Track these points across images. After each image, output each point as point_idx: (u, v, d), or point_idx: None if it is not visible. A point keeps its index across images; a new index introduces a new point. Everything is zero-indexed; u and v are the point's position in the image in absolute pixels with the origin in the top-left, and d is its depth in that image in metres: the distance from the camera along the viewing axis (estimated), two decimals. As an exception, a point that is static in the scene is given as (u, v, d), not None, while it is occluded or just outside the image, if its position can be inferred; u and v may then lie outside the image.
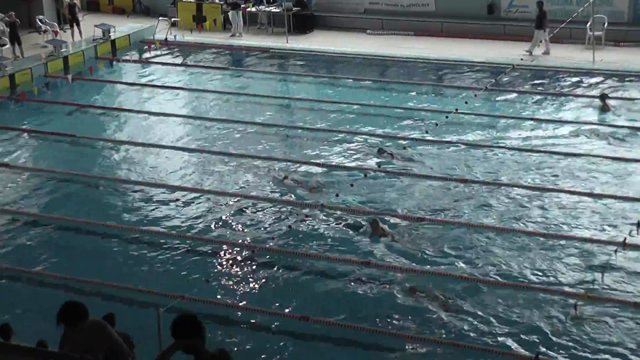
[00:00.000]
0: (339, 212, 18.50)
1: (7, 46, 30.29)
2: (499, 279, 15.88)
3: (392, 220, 18.03)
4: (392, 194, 19.54)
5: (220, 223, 18.31)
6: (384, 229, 17.29)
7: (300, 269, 16.48)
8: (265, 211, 18.85)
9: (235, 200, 19.41)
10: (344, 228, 17.88)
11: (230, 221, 18.38)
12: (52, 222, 18.54)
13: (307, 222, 18.06)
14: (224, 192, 19.81)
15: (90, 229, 18.20)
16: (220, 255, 17.00)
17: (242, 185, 20.26)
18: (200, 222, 18.36)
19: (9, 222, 18.58)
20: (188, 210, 18.94)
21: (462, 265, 16.36)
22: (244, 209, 18.95)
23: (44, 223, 18.54)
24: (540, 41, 30.38)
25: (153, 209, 19.05)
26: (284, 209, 18.94)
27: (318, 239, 17.46)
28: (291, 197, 19.47)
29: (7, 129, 24.29)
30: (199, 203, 19.29)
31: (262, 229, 17.99)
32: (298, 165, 21.31)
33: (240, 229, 18.02)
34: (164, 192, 19.92)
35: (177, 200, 19.48)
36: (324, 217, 18.35)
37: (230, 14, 34.15)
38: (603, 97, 24.84)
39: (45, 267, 16.56)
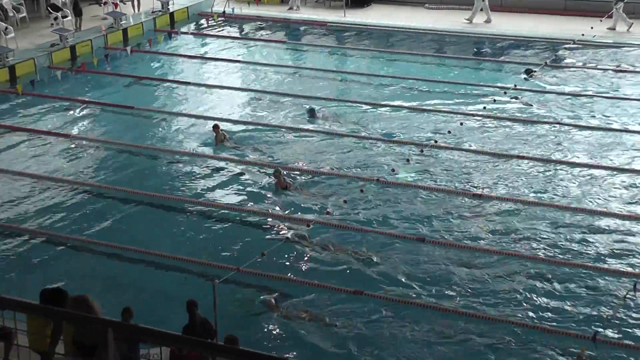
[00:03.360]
0: (391, 189, 18.43)
1: (69, 18, 30.56)
2: (558, 259, 15.67)
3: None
4: (442, 169, 19.44)
5: (276, 196, 18.29)
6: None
7: (355, 243, 16.38)
8: (320, 185, 18.78)
9: (292, 173, 19.36)
10: (400, 202, 17.80)
11: (285, 194, 18.34)
12: (111, 193, 18.69)
13: (362, 196, 17.95)
14: (280, 165, 19.76)
15: (148, 200, 18.29)
16: (275, 228, 16.97)
17: (298, 158, 20.21)
18: (257, 195, 18.36)
19: (69, 192, 18.75)
20: (244, 183, 18.94)
21: (525, 244, 16.21)
22: (300, 182, 18.91)
23: (102, 193, 18.71)
24: (481, 9, 30.89)
25: (210, 181, 19.09)
26: (339, 182, 18.86)
27: (373, 214, 17.38)
28: (347, 169, 19.42)
29: (68, 100, 24.54)
30: (255, 176, 19.28)
31: (317, 202, 17.93)
32: (355, 139, 21.22)
33: (296, 202, 17.97)
34: (221, 165, 19.95)
35: (234, 172, 19.50)
36: (380, 192, 18.26)
37: (288, -13, 34.07)
38: (528, 71, 24.46)
39: (104, 237, 16.66)
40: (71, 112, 23.81)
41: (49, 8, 31.30)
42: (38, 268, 15.69)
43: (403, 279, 15.08)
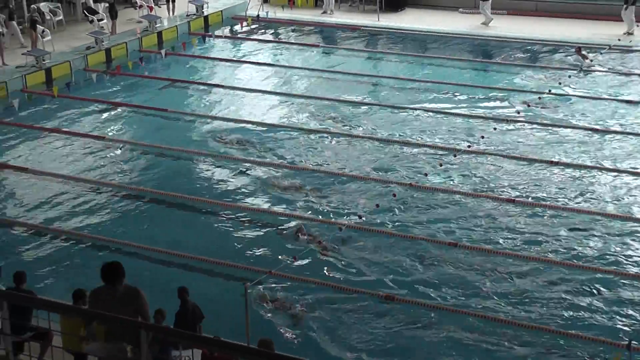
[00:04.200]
0: (423, 193, 18.36)
1: (105, 21, 30.79)
2: (593, 265, 15.51)
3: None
4: (475, 174, 19.36)
5: (308, 200, 18.26)
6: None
7: (386, 247, 16.33)
8: (353, 189, 18.74)
9: (324, 177, 19.34)
10: (433, 207, 17.73)
11: (317, 198, 18.32)
12: (143, 195, 18.78)
13: (395, 200, 17.91)
14: (312, 169, 19.76)
15: (180, 202, 18.36)
16: (307, 232, 16.90)
17: (332, 162, 20.19)
18: (288, 199, 18.34)
19: (101, 194, 18.87)
20: (277, 187, 18.88)
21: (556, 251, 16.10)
22: (332, 186, 18.87)
23: (135, 195, 18.81)
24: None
25: (242, 185, 19.10)
26: (372, 186, 18.82)
27: (405, 219, 17.31)
28: (379, 174, 19.38)
29: (102, 102, 24.70)
30: (288, 180, 19.23)
31: (350, 207, 17.90)
32: (387, 143, 21.16)
33: (328, 207, 17.95)
34: (253, 168, 19.95)
35: (267, 177, 19.47)
36: (412, 196, 18.20)
37: (322, -10, 34.06)
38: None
39: (135, 238, 16.73)
40: (106, 114, 23.98)
41: (85, 11, 31.57)
42: (70, 268, 15.82)
43: (435, 284, 15.02)
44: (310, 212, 17.69)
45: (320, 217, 17.45)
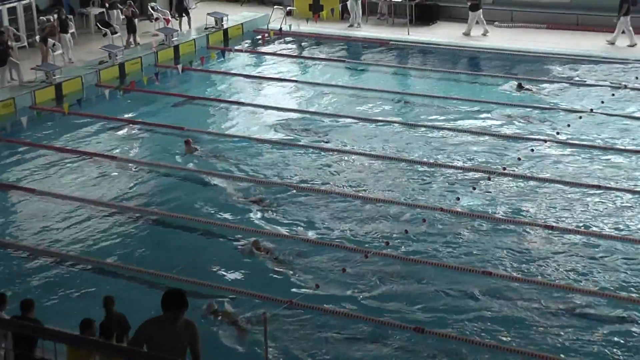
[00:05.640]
0: (455, 218, 18.29)
1: (118, 34, 30.92)
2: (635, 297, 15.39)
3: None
4: (510, 198, 19.25)
5: (330, 223, 18.23)
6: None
7: (415, 275, 16.26)
8: (380, 213, 18.70)
9: (350, 200, 19.30)
10: (465, 233, 17.66)
11: (341, 222, 18.29)
12: (158, 218, 18.85)
13: (423, 226, 17.87)
14: (338, 192, 19.73)
15: (195, 226, 18.38)
16: (330, 259, 16.86)
17: (358, 185, 20.16)
18: (310, 222, 18.31)
19: (113, 217, 18.90)
20: (298, 210, 18.88)
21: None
22: (358, 210, 18.84)
23: (151, 219, 18.86)
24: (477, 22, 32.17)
25: (262, 208, 19.00)
26: (400, 211, 18.75)
27: (436, 245, 17.25)
28: (408, 197, 19.33)
29: (115, 120, 24.87)
30: (314, 203, 19.20)
31: (376, 232, 17.85)
32: (417, 164, 21.12)
33: (353, 232, 17.90)
34: (274, 190, 19.92)
35: (289, 198, 19.46)
36: (443, 221, 18.15)
37: (348, 3, 34.02)
38: (519, 85, 26.68)
39: (147, 263, 16.73)
40: (118, 132, 24.12)
41: (97, 24, 31.83)
42: (77, 295, 15.88)
43: (468, 315, 14.93)
44: (335, 238, 17.63)
45: (345, 243, 17.40)
